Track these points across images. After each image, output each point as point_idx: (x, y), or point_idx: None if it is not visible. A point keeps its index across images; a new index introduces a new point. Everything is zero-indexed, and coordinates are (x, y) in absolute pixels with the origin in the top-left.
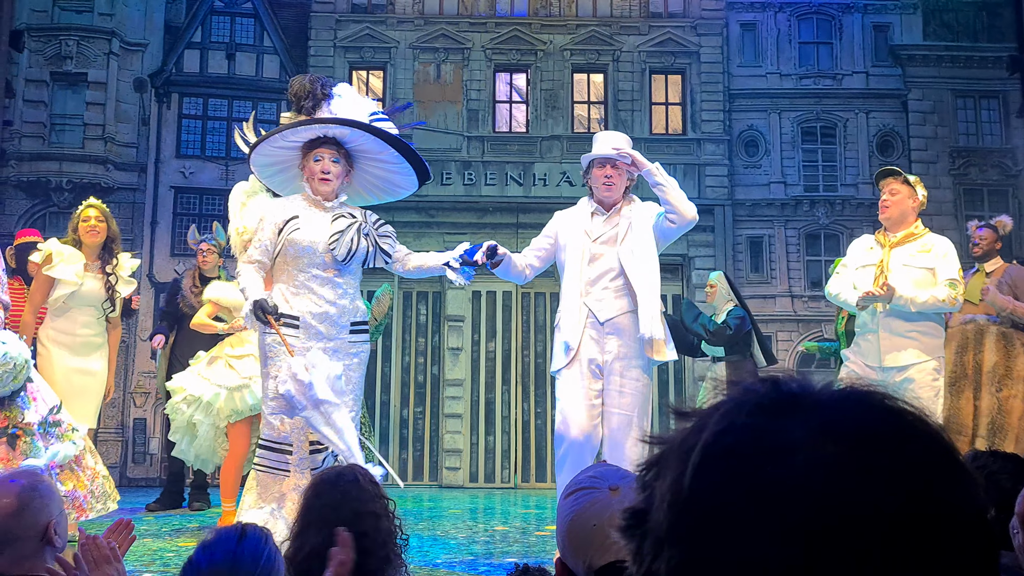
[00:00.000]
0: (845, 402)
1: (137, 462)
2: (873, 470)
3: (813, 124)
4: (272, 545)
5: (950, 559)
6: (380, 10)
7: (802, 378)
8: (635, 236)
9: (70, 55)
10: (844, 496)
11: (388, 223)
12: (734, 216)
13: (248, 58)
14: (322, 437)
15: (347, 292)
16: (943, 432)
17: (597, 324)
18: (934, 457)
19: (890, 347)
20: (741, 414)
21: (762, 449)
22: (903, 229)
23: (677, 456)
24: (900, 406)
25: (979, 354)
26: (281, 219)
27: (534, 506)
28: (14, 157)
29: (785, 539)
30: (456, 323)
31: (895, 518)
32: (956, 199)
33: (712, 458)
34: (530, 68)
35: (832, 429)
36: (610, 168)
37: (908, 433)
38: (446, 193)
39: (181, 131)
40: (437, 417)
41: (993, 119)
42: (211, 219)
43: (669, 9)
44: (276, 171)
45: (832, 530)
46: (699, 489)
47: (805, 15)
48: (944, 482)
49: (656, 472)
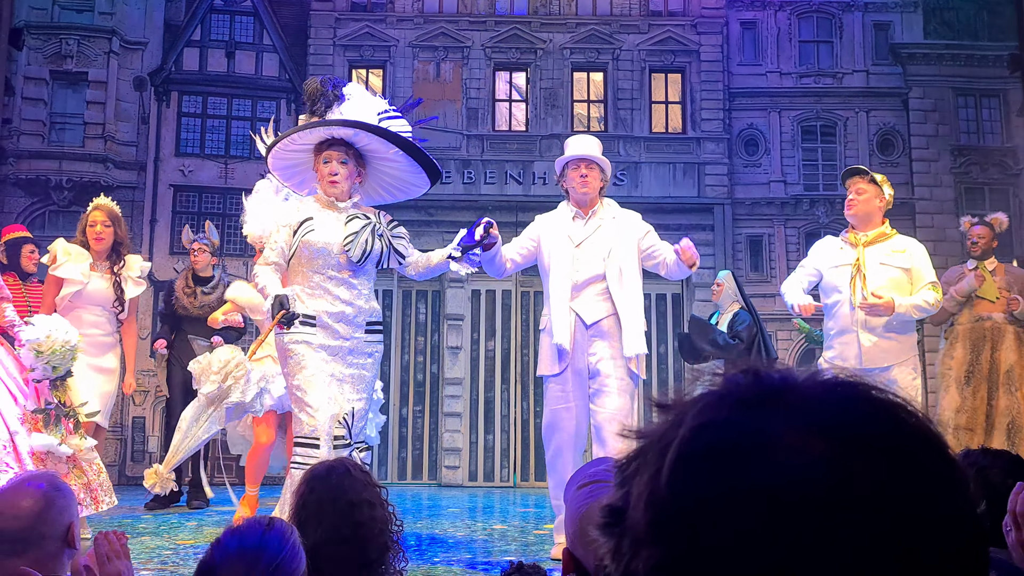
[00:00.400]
0: (829, 395)
1: (136, 460)
2: (858, 468)
3: (813, 123)
4: (296, 539)
5: (940, 559)
6: (380, 8)
7: (785, 369)
8: (623, 252)
9: (70, 54)
10: (828, 496)
11: (401, 224)
12: (734, 215)
13: (248, 56)
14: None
15: (362, 292)
16: (933, 427)
17: (584, 327)
18: (923, 454)
19: (870, 348)
20: (722, 409)
21: (743, 446)
22: (872, 228)
23: (656, 452)
24: (887, 398)
25: (996, 352)
26: (295, 221)
27: (533, 505)
28: (13, 155)
29: (767, 540)
30: (455, 322)
31: (882, 518)
32: (957, 197)
33: (691, 456)
34: (530, 67)
35: (816, 424)
36: (584, 167)
37: (895, 428)
38: (445, 192)
39: (180, 129)
40: (436, 416)
41: (994, 117)
42: (210, 218)
43: (669, 8)
44: (294, 173)
45: (816, 531)
46: (677, 488)
47: (805, 14)
48: (934, 480)
49: (635, 468)
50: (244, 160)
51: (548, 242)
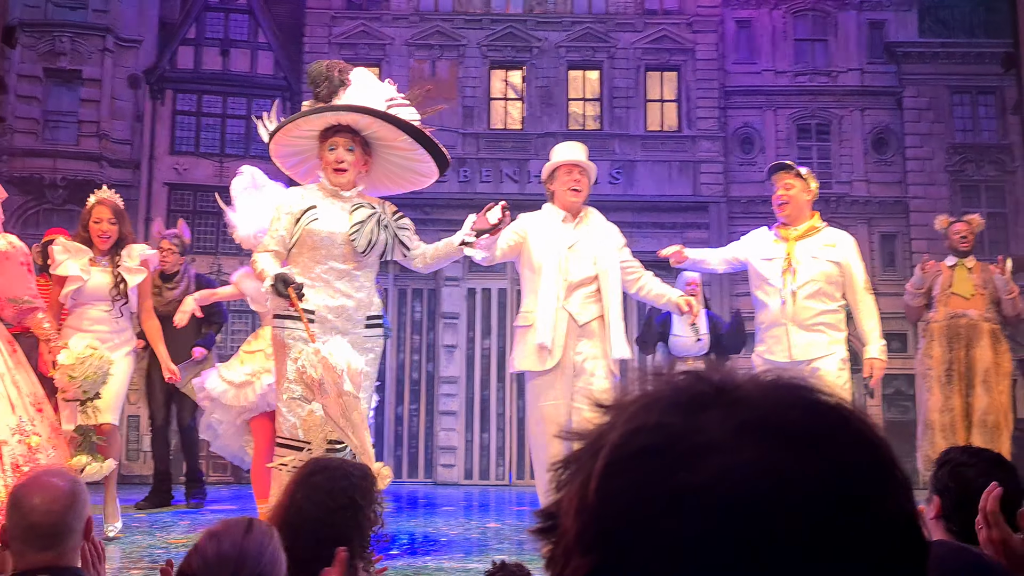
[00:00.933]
0: (768, 398)
1: (130, 459)
2: (792, 470)
3: (808, 121)
4: (276, 541)
5: (876, 561)
6: (375, 6)
7: (727, 370)
8: (610, 258)
9: (64, 51)
10: (761, 499)
11: (406, 216)
12: (729, 213)
13: (242, 54)
14: (337, 429)
15: (364, 285)
16: (872, 430)
17: (576, 327)
18: (861, 459)
19: (799, 341)
20: (654, 411)
21: (675, 451)
22: (803, 222)
23: (588, 457)
24: (829, 401)
25: (972, 351)
26: (298, 209)
27: (528, 503)
28: (7, 153)
29: (697, 550)
30: (451, 320)
31: (816, 526)
32: (952, 196)
33: (620, 461)
34: (525, 65)
35: (752, 428)
36: (578, 173)
37: (834, 433)
38: (441, 190)
39: (175, 128)
40: (431, 414)
41: (990, 115)
42: (205, 216)
43: (665, 6)
44: (296, 161)
45: (749, 536)
46: (605, 496)
47: (800, 12)
48: (869, 483)
49: (569, 473)
50: (239, 159)
51: (537, 242)
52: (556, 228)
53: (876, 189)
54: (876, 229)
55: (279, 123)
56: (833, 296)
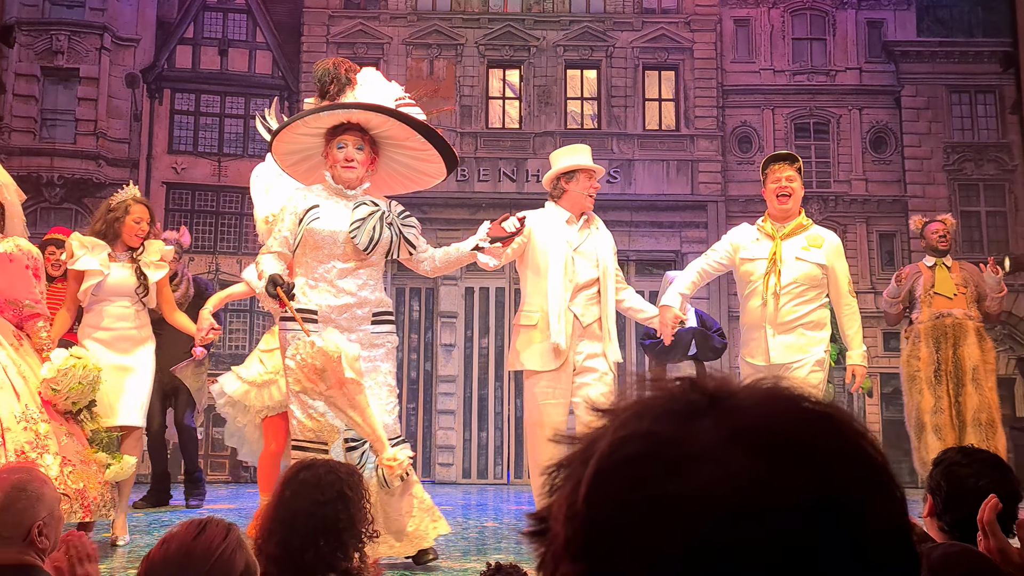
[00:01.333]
0: (761, 407)
1: None
2: (781, 479)
3: (806, 120)
4: (233, 540)
5: (866, 568)
6: (373, 6)
7: (722, 378)
8: (609, 262)
9: (61, 50)
10: (749, 508)
11: (412, 216)
12: (727, 212)
13: (240, 54)
14: (346, 418)
15: (368, 283)
16: (865, 438)
17: (580, 328)
18: (852, 471)
19: (778, 344)
20: (645, 419)
21: (664, 459)
22: (792, 219)
23: (579, 463)
24: (822, 412)
25: (959, 349)
26: (301, 209)
27: (526, 502)
28: (4, 152)
29: (685, 560)
30: (449, 319)
31: (803, 537)
32: (951, 195)
33: (610, 469)
34: (523, 64)
35: (743, 438)
36: (595, 181)
37: (826, 444)
38: (439, 189)
39: (173, 127)
40: (430, 413)
41: (989, 113)
42: (203, 215)
43: (662, 5)
44: (299, 159)
45: (737, 545)
46: (594, 504)
47: (799, 11)
48: (862, 496)
49: (561, 478)
50: (237, 158)
51: (543, 242)
52: (561, 229)
53: (874, 188)
54: (874, 228)
55: (287, 120)
56: (817, 297)
